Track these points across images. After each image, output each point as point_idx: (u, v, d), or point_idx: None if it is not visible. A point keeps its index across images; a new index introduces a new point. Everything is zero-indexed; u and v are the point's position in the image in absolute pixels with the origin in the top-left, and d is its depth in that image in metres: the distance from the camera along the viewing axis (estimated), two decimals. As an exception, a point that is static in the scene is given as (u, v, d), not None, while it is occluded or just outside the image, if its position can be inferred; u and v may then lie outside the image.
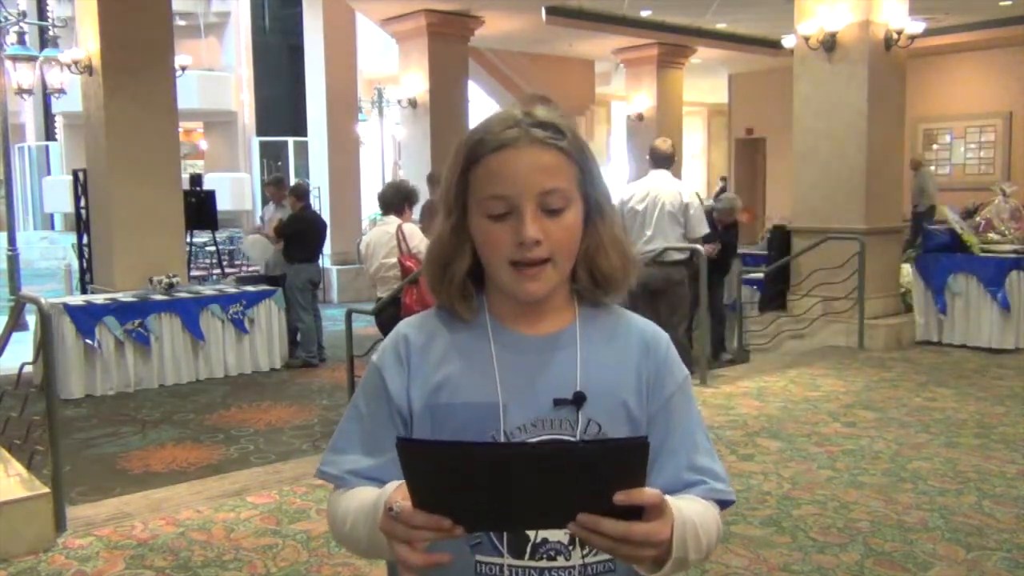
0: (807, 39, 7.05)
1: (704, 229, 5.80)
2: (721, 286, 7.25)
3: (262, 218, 9.36)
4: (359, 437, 1.11)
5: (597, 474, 0.85)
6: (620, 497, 0.84)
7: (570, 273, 1.09)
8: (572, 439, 1.05)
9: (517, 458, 0.87)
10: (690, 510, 1.00)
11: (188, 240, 8.95)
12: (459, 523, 0.87)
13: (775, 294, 7.51)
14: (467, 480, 0.86)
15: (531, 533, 1.05)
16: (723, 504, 1.10)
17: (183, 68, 8.30)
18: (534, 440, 1.04)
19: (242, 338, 7.11)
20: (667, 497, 0.96)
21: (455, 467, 0.86)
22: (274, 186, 8.37)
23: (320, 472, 1.12)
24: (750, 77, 14.62)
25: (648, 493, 0.87)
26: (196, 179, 10.93)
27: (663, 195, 5.69)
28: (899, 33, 6.91)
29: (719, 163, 18.40)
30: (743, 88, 15.18)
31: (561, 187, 1.03)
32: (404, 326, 1.14)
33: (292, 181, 12.00)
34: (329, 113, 11.86)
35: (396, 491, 0.93)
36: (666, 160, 5.83)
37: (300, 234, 7.46)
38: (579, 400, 1.05)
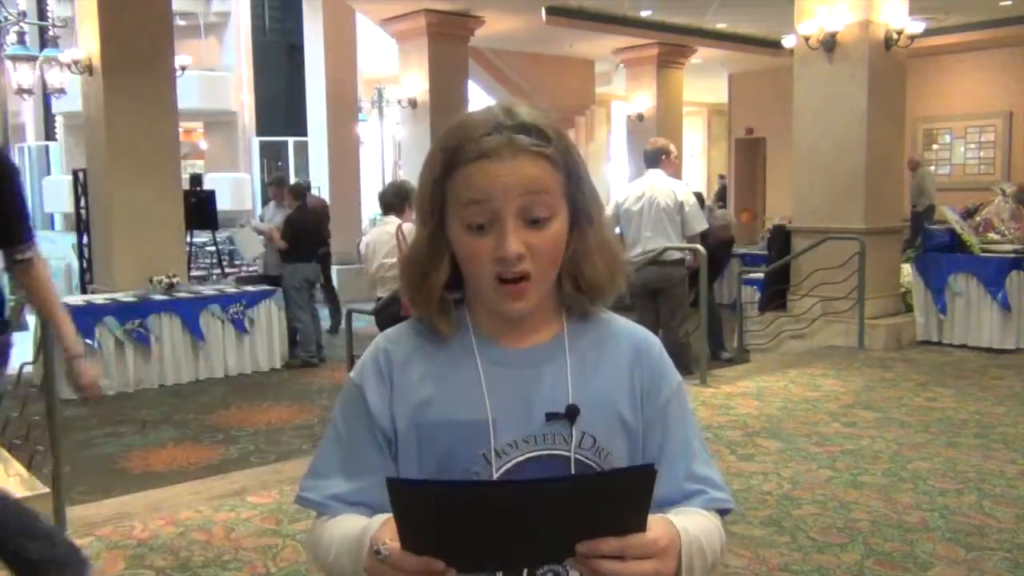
0: (807, 39, 7.05)
1: (702, 225, 5.81)
2: (713, 287, 7.26)
3: (262, 217, 9.37)
4: (339, 460, 1.05)
5: (599, 507, 0.81)
6: (582, 549, 0.82)
7: (556, 282, 1.04)
8: (566, 453, 1.01)
9: (519, 499, 0.82)
10: (696, 528, 0.97)
11: (188, 240, 8.96)
12: (452, 565, 0.83)
13: (775, 294, 7.51)
14: (462, 521, 0.81)
15: None
16: (722, 512, 1.07)
17: (183, 68, 8.31)
18: (524, 457, 1.00)
19: (242, 338, 7.11)
20: (673, 519, 0.94)
21: (450, 508, 0.81)
22: (276, 186, 8.37)
23: (300, 499, 1.06)
24: (750, 77, 14.63)
25: (635, 546, 0.85)
26: (196, 179, 10.93)
27: (658, 194, 5.71)
28: (899, 33, 6.91)
29: (719, 163, 18.40)
30: (743, 88, 15.18)
31: (545, 198, 0.97)
32: (384, 339, 1.08)
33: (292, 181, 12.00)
34: (329, 113, 11.87)
35: (382, 528, 0.89)
36: (653, 159, 5.85)
37: (298, 235, 7.46)
38: (572, 414, 1.00)
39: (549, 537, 0.82)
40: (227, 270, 11.89)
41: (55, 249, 17.26)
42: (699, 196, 6.68)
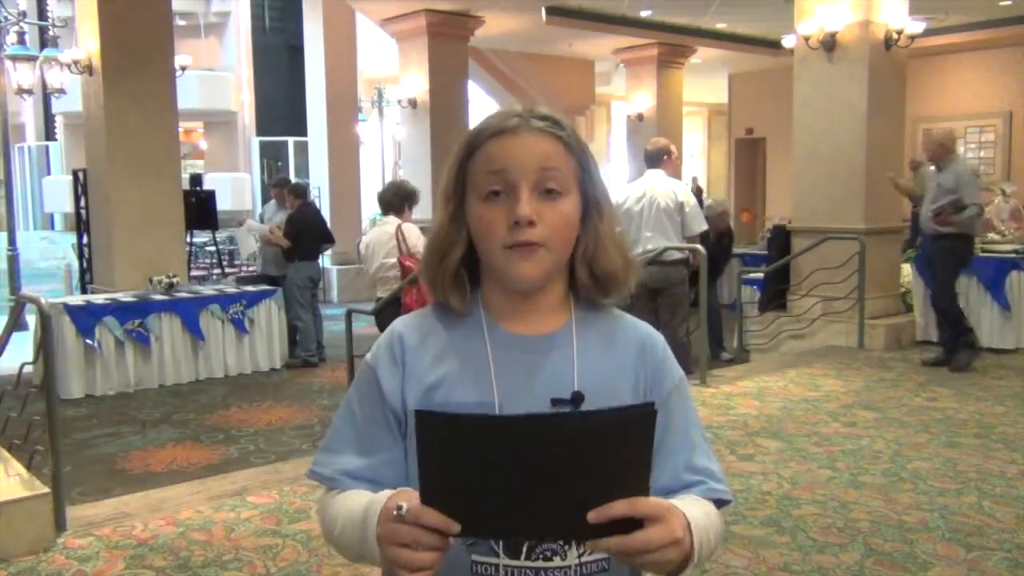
0: (807, 39, 7.05)
1: (701, 226, 5.81)
2: (715, 286, 7.26)
3: (261, 217, 9.36)
4: (352, 437, 1.09)
5: (607, 444, 0.85)
6: (591, 516, 0.85)
7: (567, 273, 1.09)
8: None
9: (534, 430, 0.87)
10: (701, 514, 1.01)
11: (188, 240, 8.96)
12: (468, 524, 0.86)
13: (775, 294, 7.51)
14: (482, 455, 0.84)
15: None
16: (720, 504, 1.10)
17: (183, 68, 8.30)
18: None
19: (242, 338, 7.11)
20: (679, 504, 0.97)
21: (472, 439, 0.85)
22: (279, 187, 8.37)
23: (312, 472, 1.11)
24: (750, 77, 14.62)
25: (642, 505, 0.87)
26: (196, 179, 10.93)
27: (658, 195, 5.70)
28: (899, 33, 6.91)
29: (719, 163, 18.39)
30: (743, 88, 15.18)
31: (559, 171, 1.03)
32: (399, 324, 1.13)
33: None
34: (329, 113, 11.87)
35: (398, 493, 0.93)
36: (654, 159, 5.85)
37: (300, 230, 7.46)
38: (577, 400, 1.04)
39: (560, 481, 0.85)
40: (227, 270, 11.89)
41: (55, 249, 17.30)
42: (695, 195, 6.67)
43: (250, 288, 7.47)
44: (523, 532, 0.95)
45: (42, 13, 17.12)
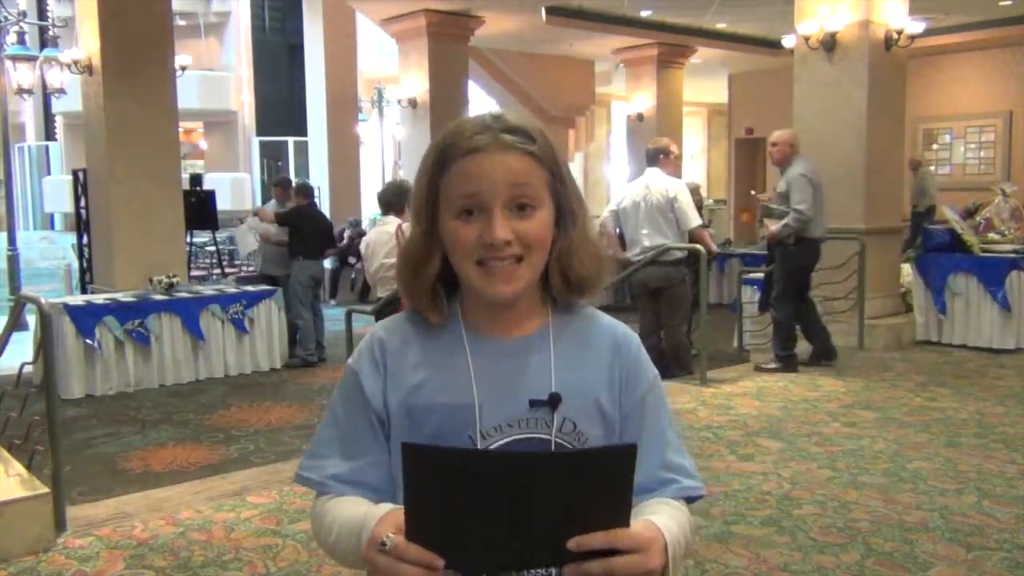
0: (807, 39, 7.05)
1: (695, 220, 5.82)
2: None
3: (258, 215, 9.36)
4: (337, 441, 1.11)
5: (589, 482, 0.87)
6: (572, 544, 0.87)
7: (542, 276, 1.10)
8: (548, 437, 1.06)
9: (518, 468, 0.88)
10: (674, 524, 1.03)
11: (188, 240, 8.96)
12: (449, 555, 0.87)
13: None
14: (469, 489, 0.86)
15: None
16: (693, 499, 1.13)
17: (183, 68, 8.31)
18: (508, 439, 1.06)
19: (242, 338, 7.10)
20: (654, 520, 0.99)
21: (459, 473, 0.86)
22: (280, 187, 8.37)
23: (299, 477, 1.12)
24: (750, 77, 14.62)
25: (624, 539, 0.90)
26: (196, 179, 10.95)
27: (653, 192, 5.74)
28: (899, 33, 6.91)
29: (719, 163, 18.40)
30: (743, 88, 15.18)
31: (531, 185, 1.04)
32: (380, 329, 1.15)
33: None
34: (329, 113, 11.89)
35: (385, 522, 0.94)
36: (652, 157, 5.90)
37: (300, 226, 7.45)
38: (554, 401, 1.06)
39: (543, 517, 0.87)
40: (227, 270, 11.89)
41: (55, 249, 17.30)
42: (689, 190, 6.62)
43: (250, 288, 7.46)
44: (506, 566, 0.97)
45: (42, 13, 17.11)
